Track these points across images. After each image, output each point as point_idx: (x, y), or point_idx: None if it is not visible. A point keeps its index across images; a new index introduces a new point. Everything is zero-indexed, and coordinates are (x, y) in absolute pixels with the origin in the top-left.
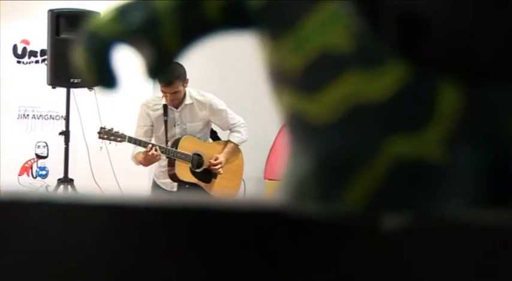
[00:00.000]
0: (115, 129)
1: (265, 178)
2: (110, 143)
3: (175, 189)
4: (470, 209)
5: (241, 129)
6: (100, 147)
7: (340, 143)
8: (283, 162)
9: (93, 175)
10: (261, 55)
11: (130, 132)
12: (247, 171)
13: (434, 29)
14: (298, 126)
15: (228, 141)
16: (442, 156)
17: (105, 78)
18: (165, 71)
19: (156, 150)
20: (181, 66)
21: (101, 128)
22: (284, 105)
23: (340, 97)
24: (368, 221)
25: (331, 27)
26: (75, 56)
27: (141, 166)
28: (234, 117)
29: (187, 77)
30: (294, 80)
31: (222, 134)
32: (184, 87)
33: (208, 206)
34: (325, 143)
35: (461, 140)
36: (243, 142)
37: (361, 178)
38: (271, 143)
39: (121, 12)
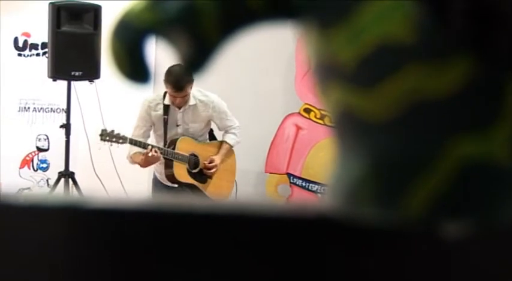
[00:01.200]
0: (116, 131)
1: (266, 172)
2: (111, 144)
3: (176, 185)
4: None
5: (236, 132)
6: (99, 148)
7: (399, 143)
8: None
9: (94, 167)
10: (307, 48)
11: (132, 125)
12: (248, 165)
13: (508, 23)
14: (350, 124)
15: (223, 142)
16: (510, 158)
17: (137, 70)
18: (205, 63)
19: (156, 152)
20: None
21: (103, 130)
22: (333, 101)
23: (400, 93)
24: (432, 228)
25: (390, 17)
26: (107, 46)
27: None
28: (232, 120)
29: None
30: (347, 74)
31: (217, 133)
32: (191, 89)
33: (251, 211)
34: (383, 143)
35: None
36: (236, 144)
37: (425, 180)
38: (272, 137)
39: (156, 0)
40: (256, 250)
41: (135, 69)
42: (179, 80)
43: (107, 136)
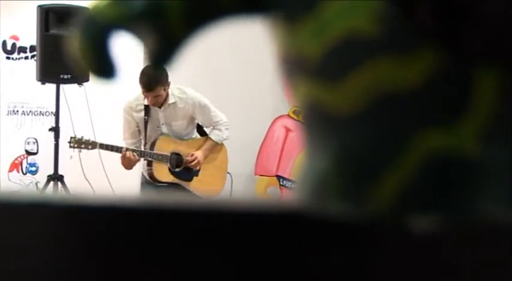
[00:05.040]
0: (85, 138)
1: (255, 174)
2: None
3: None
4: (507, 208)
5: (222, 128)
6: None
7: (366, 136)
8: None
9: (83, 171)
10: (274, 42)
11: (121, 128)
12: (237, 167)
13: (475, 14)
14: (318, 118)
15: (207, 138)
16: (478, 151)
17: (102, 66)
18: (171, 57)
19: (133, 153)
20: (164, 69)
21: (71, 137)
22: (301, 96)
23: (366, 86)
24: (401, 221)
25: (355, 10)
26: (72, 43)
27: None
28: (217, 115)
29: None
30: (313, 68)
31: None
32: (166, 90)
33: (221, 207)
34: (349, 136)
35: (498, 134)
36: (223, 140)
37: (391, 174)
38: (262, 139)
39: None
40: (226, 246)
41: (101, 65)
42: (149, 81)
43: (76, 143)
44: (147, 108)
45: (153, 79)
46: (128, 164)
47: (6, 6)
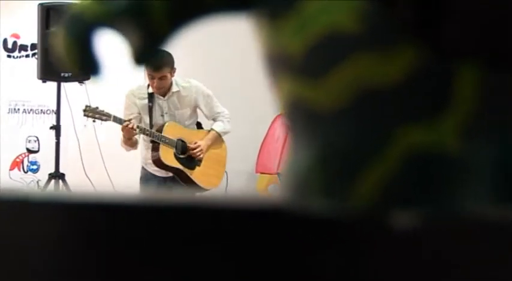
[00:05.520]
0: (100, 108)
1: (256, 172)
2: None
3: (170, 174)
4: (487, 204)
5: (224, 120)
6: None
7: (347, 133)
8: (284, 155)
9: (84, 169)
10: (258, 39)
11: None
12: (238, 165)
13: (456, 11)
14: (301, 114)
15: (211, 129)
16: (458, 147)
17: (87, 63)
18: (154, 55)
19: (132, 126)
20: (170, 54)
21: (86, 106)
22: (284, 92)
23: (348, 82)
24: (379, 217)
25: (336, 6)
26: (58, 40)
27: (132, 159)
28: (219, 107)
29: (176, 67)
30: (296, 65)
31: (205, 125)
32: (172, 76)
33: (203, 203)
34: (331, 133)
35: (478, 130)
36: (226, 132)
37: (373, 170)
38: (263, 137)
39: None
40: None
41: (85, 62)
42: (158, 59)
43: (91, 112)
44: (150, 96)
45: (161, 59)
46: (127, 134)
47: (6, 5)
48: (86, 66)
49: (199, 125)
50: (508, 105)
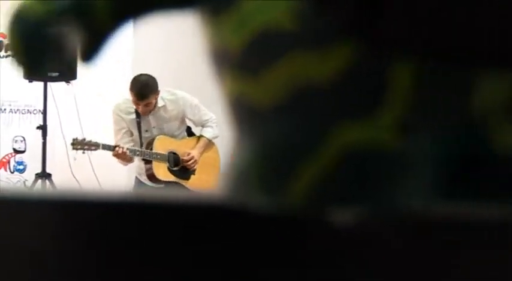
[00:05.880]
0: (87, 139)
1: None
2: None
3: (162, 185)
4: (428, 200)
5: (213, 125)
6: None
7: (284, 129)
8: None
9: (71, 169)
10: (202, 36)
11: (109, 126)
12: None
13: (389, 7)
14: (241, 111)
15: (200, 136)
16: (396, 143)
17: (33, 63)
18: (98, 52)
19: (122, 150)
20: (153, 78)
21: (73, 139)
22: (226, 89)
23: (284, 79)
24: (318, 214)
25: (273, 4)
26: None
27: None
28: (207, 114)
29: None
30: (236, 61)
31: (195, 130)
32: (156, 99)
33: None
34: (269, 130)
35: (415, 125)
36: (215, 136)
37: (307, 167)
38: None
39: None
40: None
41: (30, 61)
42: (142, 90)
43: (79, 145)
44: (137, 111)
45: (146, 88)
46: (124, 159)
47: None
48: (32, 66)
49: (189, 130)
50: (445, 99)
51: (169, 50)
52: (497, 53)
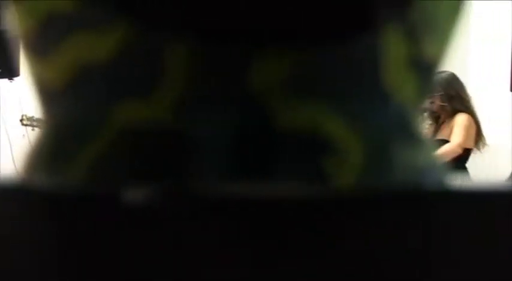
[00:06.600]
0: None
1: None
2: (32, 129)
3: None
4: (218, 180)
5: None
6: (23, 134)
7: (68, 111)
8: None
9: (15, 166)
10: (11, 20)
11: None
12: None
13: None
14: (40, 94)
15: None
16: (177, 123)
17: None
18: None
19: None
20: None
21: (22, 115)
22: (30, 72)
23: (68, 60)
24: (105, 194)
25: None
26: None
27: None
28: None
29: None
30: (30, 45)
31: None
32: None
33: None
34: (59, 111)
35: (200, 105)
36: None
37: (86, 148)
38: None
39: None
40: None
41: None
42: None
43: (28, 120)
44: None
45: None
46: None
47: None
48: None
49: None
50: (223, 79)
51: None
52: (275, 30)
